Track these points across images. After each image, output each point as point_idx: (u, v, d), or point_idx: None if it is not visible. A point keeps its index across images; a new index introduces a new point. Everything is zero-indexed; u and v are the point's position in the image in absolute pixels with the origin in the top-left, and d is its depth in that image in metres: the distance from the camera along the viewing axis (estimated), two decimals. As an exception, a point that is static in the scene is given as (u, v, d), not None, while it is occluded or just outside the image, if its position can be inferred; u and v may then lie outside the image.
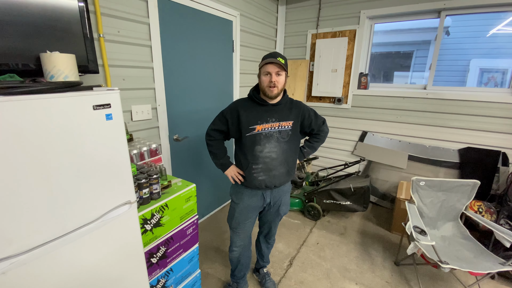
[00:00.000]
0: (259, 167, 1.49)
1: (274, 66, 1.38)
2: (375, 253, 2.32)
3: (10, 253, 0.78)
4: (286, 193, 1.68)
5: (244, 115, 1.46)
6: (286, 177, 1.58)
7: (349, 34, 3.09)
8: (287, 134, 1.50)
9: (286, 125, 1.49)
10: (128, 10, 1.69)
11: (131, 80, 1.78)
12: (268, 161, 1.48)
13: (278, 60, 1.37)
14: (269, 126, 1.46)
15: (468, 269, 1.62)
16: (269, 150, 1.47)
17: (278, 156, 1.50)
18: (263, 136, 1.46)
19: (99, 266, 1.03)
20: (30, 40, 1.01)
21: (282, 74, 1.41)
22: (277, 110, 1.49)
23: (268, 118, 1.46)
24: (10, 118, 0.72)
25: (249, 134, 1.45)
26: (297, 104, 1.58)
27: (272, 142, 1.47)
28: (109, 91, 0.93)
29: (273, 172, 1.51)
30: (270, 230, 1.83)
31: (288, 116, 1.50)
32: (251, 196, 1.58)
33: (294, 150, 1.59)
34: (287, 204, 1.73)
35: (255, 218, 1.68)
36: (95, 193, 0.96)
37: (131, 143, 1.60)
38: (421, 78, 4.92)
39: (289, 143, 1.52)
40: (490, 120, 2.57)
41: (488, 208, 2.29)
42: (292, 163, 1.60)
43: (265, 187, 1.54)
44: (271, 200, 1.62)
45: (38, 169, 0.79)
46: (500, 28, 3.55)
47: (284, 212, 1.73)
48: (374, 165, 3.15)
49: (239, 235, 1.68)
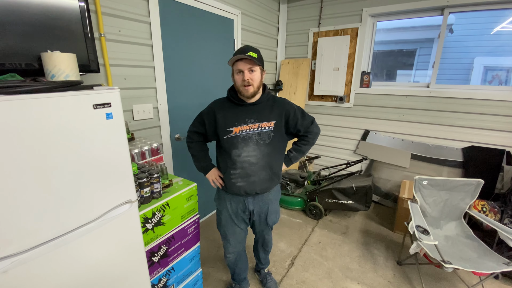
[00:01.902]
0: (237, 172, 1.38)
1: (245, 63, 1.26)
2: (378, 252, 2.30)
3: (11, 252, 0.78)
4: (272, 201, 1.54)
5: (221, 116, 1.37)
6: (269, 183, 1.44)
7: (351, 32, 3.07)
8: (268, 136, 1.36)
9: (267, 126, 1.36)
10: (129, 9, 1.69)
11: (132, 79, 1.79)
12: (246, 166, 1.36)
13: (249, 55, 1.24)
14: (247, 127, 1.34)
15: (472, 269, 1.61)
16: (247, 154, 1.35)
17: (258, 161, 1.37)
18: (240, 138, 1.34)
19: (100, 265, 1.04)
20: (31, 40, 1.01)
21: (256, 70, 1.29)
22: (256, 110, 1.37)
23: (246, 119, 1.35)
24: (11, 118, 0.72)
25: (226, 137, 1.35)
26: (280, 102, 1.43)
27: (251, 145, 1.35)
28: (109, 90, 0.93)
29: (252, 178, 1.38)
30: (264, 239, 1.75)
31: (269, 116, 1.37)
32: (233, 202, 1.48)
33: (278, 153, 1.45)
34: (275, 212, 1.58)
35: (245, 224, 1.58)
36: (96, 192, 0.96)
37: (132, 142, 1.60)
38: (424, 76, 4.91)
39: (271, 146, 1.38)
40: (494, 118, 2.54)
41: (492, 207, 2.26)
42: (277, 168, 1.47)
43: (245, 194, 1.43)
44: (254, 208, 1.49)
45: (39, 168, 0.79)
46: (504, 26, 3.51)
47: (273, 221, 1.60)
48: (377, 164, 3.14)
49: (230, 242, 1.60)
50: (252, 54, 1.25)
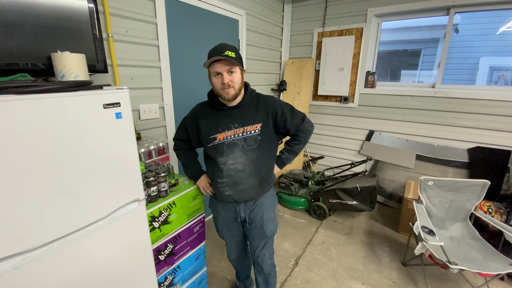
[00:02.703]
0: (224, 181, 1.30)
1: (223, 64, 1.15)
2: (382, 253, 2.30)
3: (22, 249, 0.79)
4: (267, 206, 1.41)
5: (203, 123, 1.29)
6: (259, 189, 1.34)
7: (356, 32, 3.06)
8: (254, 140, 1.26)
9: (253, 130, 1.25)
10: (136, 10, 1.71)
11: (139, 80, 1.80)
12: (233, 174, 1.27)
13: (226, 55, 1.12)
14: (232, 133, 1.25)
15: (477, 270, 1.60)
16: (234, 161, 1.26)
17: (246, 167, 1.27)
18: (225, 146, 1.25)
19: (108, 262, 1.05)
20: (41, 40, 1.03)
21: (235, 70, 1.18)
22: (240, 113, 1.27)
23: (230, 124, 1.25)
24: (23, 117, 0.73)
25: (211, 145, 1.27)
26: (266, 100, 1.31)
27: (237, 152, 1.25)
28: (118, 90, 0.95)
29: (241, 186, 1.29)
30: (262, 267, 1.53)
31: (254, 119, 1.26)
32: (226, 209, 1.42)
33: (267, 157, 1.35)
34: (271, 220, 1.44)
35: (241, 228, 1.50)
36: (105, 191, 0.98)
37: (139, 142, 1.61)
38: (429, 76, 4.88)
39: (260, 150, 1.28)
40: (500, 119, 2.52)
41: (498, 208, 2.25)
42: (267, 173, 1.36)
43: (235, 202, 1.36)
44: (246, 215, 1.40)
45: (50, 166, 0.81)
46: (510, 26, 3.49)
47: (271, 231, 1.45)
48: (381, 165, 3.13)
49: (230, 245, 1.58)
50: (229, 53, 1.14)
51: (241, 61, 1.23)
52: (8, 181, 0.73)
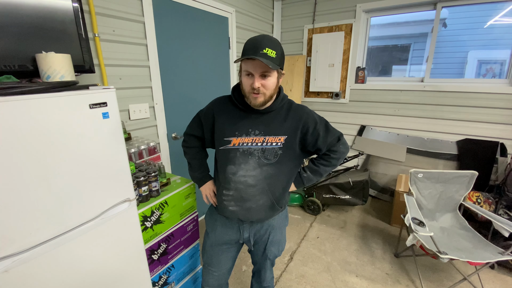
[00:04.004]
0: (230, 194, 1.12)
1: (257, 65, 0.95)
2: (375, 245, 2.33)
3: (12, 251, 0.79)
4: (276, 229, 1.23)
5: (220, 121, 1.12)
6: (269, 211, 1.15)
7: (346, 28, 3.08)
8: (274, 154, 1.08)
9: (274, 142, 1.07)
10: (123, 9, 1.69)
11: (128, 79, 1.79)
12: (241, 187, 1.09)
13: (264, 53, 0.92)
14: (250, 140, 1.07)
15: (467, 259, 1.64)
16: (245, 173, 1.08)
17: (257, 183, 1.08)
18: (239, 153, 1.08)
19: (101, 263, 1.05)
20: (25, 41, 1.01)
21: (271, 74, 0.98)
22: (265, 120, 1.09)
23: (250, 130, 1.08)
24: (8, 118, 0.73)
25: (223, 148, 1.10)
26: (298, 110, 1.12)
27: (251, 163, 1.07)
28: (105, 89, 0.94)
29: (248, 204, 1.11)
30: (260, 275, 1.40)
31: (280, 129, 1.08)
32: (226, 226, 1.22)
33: (285, 176, 1.15)
34: (277, 243, 1.26)
35: (235, 252, 1.30)
36: (94, 191, 0.97)
37: (130, 142, 1.60)
38: (419, 71, 4.93)
39: (278, 167, 1.09)
40: (488, 111, 2.57)
41: (487, 198, 2.30)
42: (280, 193, 1.16)
43: (239, 220, 1.18)
44: (251, 236, 1.21)
45: (37, 168, 0.80)
46: (497, 19, 3.54)
47: (274, 255, 1.28)
48: (373, 159, 3.16)
49: (210, 274, 1.30)
50: (269, 51, 0.93)
51: (282, 61, 1.02)
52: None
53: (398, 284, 1.92)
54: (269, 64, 0.91)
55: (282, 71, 1.04)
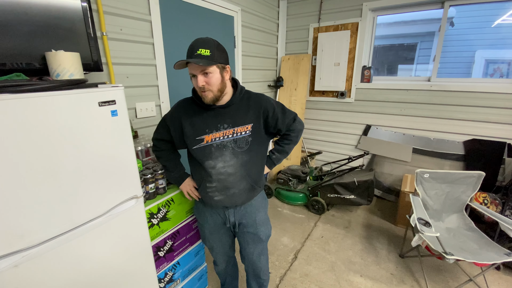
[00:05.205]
0: (213, 185, 1.21)
1: (195, 66, 1.04)
2: (380, 246, 2.33)
3: (21, 246, 0.80)
4: (259, 209, 1.35)
5: (188, 123, 1.18)
6: (250, 193, 1.27)
7: (352, 27, 3.06)
8: (245, 142, 1.18)
9: (243, 131, 1.17)
10: (130, 8, 1.70)
11: (135, 78, 1.80)
12: (223, 178, 1.19)
13: (197, 54, 1.02)
14: (221, 134, 1.16)
15: (473, 260, 1.62)
16: (224, 164, 1.17)
17: (236, 171, 1.19)
18: (214, 148, 1.16)
19: (108, 259, 1.06)
20: (35, 40, 1.03)
21: (211, 71, 1.05)
22: (229, 113, 1.17)
23: (219, 125, 1.16)
24: (20, 115, 0.74)
25: (197, 147, 1.17)
26: (256, 99, 1.22)
27: (227, 154, 1.17)
28: (113, 87, 0.95)
29: (232, 190, 1.22)
30: (254, 267, 1.45)
31: (245, 119, 1.18)
32: (214, 214, 1.34)
33: (258, 159, 1.27)
34: (264, 223, 1.38)
35: (231, 233, 1.43)
36: (102, 188, 0.98)
37: (136, 140, 1.62)
38: (425, 70, 4.90)
39: (250, 153, 1.20)
40: (495, 111, 2.54)
41: (494, 199, 2.28)
42: (257, 175, 1.29)
43: (224, 207, 1.30)
44: (236, 219, 1.32)
45: (46, 165, 0.81)
46: (505, 18, 3.50)
47: (266, 234, 1.39)
48: (378, 159, 3.15)
49: (218, 254, 1.47)
50: (202, 51, 1.02)
51: (222, 57, 1.09)
52: (5, 180, 0.74)
53: (403, 284, 1.91)
54: (199, 62, 1.00)
55: (225, 66, 1.12)
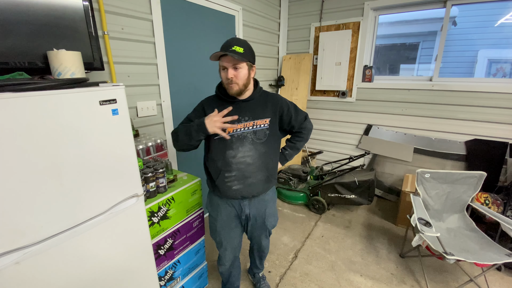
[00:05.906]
0: (233, 175, 1.29)
1: (229, 59, 1.18)
2: (380, 245, 2.32)
3: (23, 244, 0.81)
4: (269, 203, 1.46)
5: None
6: (266, 184, 1.38)
7: (353, 26, 3.06)
8: (264, 134, 1.30)
9: (262, 124, 1.29)
10: (131, 7, 1.71)
11: (136, 77, 1.81)
12: (242, 167, 1.28)
13: (233, 50, 1.15)
14: (242, 126, 1.27)
15: (474, 261, 1.62)
16: (243, 154, 1.27)
17: (255, 161, 1.29)
18: (235, 138, 1.26)
19: (108, 257, 1.07)
20: (37, 39, 1.03)
21: (241, 66, 1.19)
22: (250, 107, 1.29)
23: (240, 117, 1.27)
24: (22, 114, 0.75)
25: (218, 137, 1.25)
26: (273, 97, 1.37)
27: (246, 144, 1.27)
28: (114, 86, 0.96)
29: (250, 180, 1.31)
30: (260, 246, 1.65)
31: (264, 113, 1.31)
32: (228, 206, 1.40)
33: (274, 152, 1.39)
34: (273, 215, 1.52)
35: (241, 228, 1.50)
36: (103, 186, 0.99)
37: (137, 139, 1.62)
38: (427, 70, 4.85)
39: (268, 145, 1.32)
40: (498, 111, 2.53)
41: (495, 199, 2.27)
42: (273, 168, 1.40)
43: (242, 198, 1.36)
44: (250, 212, 1.41)
45: (49, 162, 0.82)
46: (508, 18, 3.47)
47: (272, 225, 1.53)
48: (379, 159, 3.14)
49: (226, 249, 1.50)
50: (237, 48, 1.16)
51: (251, 57, 1.24)
52: (7, 178, 0.75)
53: (403, 284, 1.91)
54: (234, 56, 1.14)
55: (253, 66, 1.27)
